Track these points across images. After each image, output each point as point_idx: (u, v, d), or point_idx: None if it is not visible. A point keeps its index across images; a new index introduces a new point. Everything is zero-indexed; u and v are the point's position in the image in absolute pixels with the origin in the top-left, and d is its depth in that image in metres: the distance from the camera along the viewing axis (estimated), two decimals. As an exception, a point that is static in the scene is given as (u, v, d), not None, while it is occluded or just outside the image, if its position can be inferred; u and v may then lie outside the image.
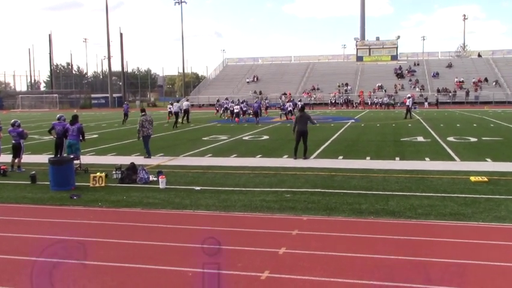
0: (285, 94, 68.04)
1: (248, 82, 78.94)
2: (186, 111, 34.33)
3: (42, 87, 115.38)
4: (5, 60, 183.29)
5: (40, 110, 73.74)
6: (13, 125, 14.58)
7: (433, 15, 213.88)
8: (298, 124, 15.99)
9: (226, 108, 39.25)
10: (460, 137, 22.04)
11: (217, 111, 43.51)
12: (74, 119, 14.25)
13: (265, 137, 23.56)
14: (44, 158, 15.42)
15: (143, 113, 16.88)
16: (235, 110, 35.78)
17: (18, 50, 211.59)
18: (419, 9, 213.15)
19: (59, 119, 14.76)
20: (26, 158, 16.57)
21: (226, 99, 46.49)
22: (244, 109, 36.62)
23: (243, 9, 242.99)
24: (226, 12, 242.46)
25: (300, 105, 24.43)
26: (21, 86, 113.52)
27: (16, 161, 14.40)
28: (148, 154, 16.57)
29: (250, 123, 33.36)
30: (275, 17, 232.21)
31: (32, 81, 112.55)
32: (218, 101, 47.13)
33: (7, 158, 17.08)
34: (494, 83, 68.31)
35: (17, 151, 14.34)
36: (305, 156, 15.76)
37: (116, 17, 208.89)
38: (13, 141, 14.45)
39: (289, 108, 37.53)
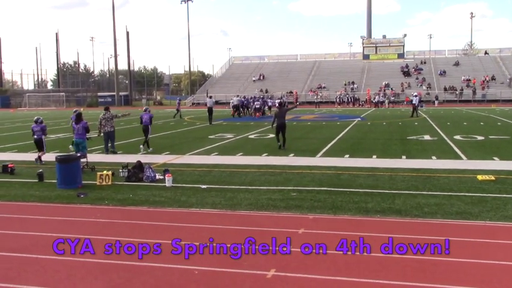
0: (291, 92, 67.98)
1: (254, 80, 78.97)
2: (236, 106, 39.91)
3: (49, 86, 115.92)
4: (12, 59, 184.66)
5: (47, 108, 74.10)
6: (36, 121, 15.81)
7: (440, 13, 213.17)
8: (277, 118, 17.76)
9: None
10: (467, 135, 21.95)
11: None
12: (79, 118, 14.40)
13: (271, 135, 23.47)
14: (51, 156, 15.48)
15: (105, 111, 17.74)
16: (257, 106, 37.19)
17: (26, 48, 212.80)
18: (425, 7, 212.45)
19: (145, 110, 18.95)
20: (32, 156, 16.68)
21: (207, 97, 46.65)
22: (258, 106, 37.91)
23: (248, 8, 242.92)
24: (231, 10, 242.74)
25: (277, 103, 26.19)
26: (28, 85, 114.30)
27: (40, 154, 15.50)
28: (112, 149, 17.50)
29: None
30: (281, 15, 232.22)
31: (39, 79, 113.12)
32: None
33: (16, 156, 17.18)
34: (508, 80, 67.82)
35: (39, 145, 15.56)
36: (284, 146, 17.68)
37: (122, 16, 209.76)
38: (35, 137, 15.62)
39: (257, 106, 38.49)
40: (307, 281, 5.75)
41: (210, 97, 35.72)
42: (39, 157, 15.33)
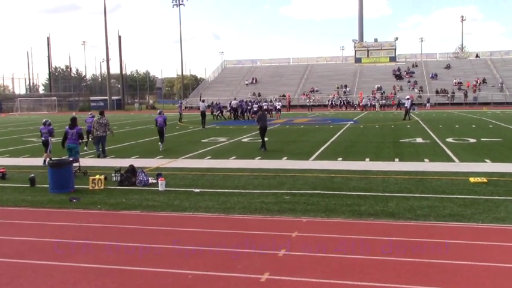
0: (284, 96, 68.06)
1: (247, 84, 78.98)
2: (235, 109, 41.72)
3: (41, 90, 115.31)
4: (3, 63, 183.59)
5: (39, 112, 73.72)
6: (44, 123, 16.28)
7: (431, 16, 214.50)
8: (261, 121, 18.61)
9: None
10: (459, 138, 22.06)
11: (212, 113, 43.66)
12: (73, 123, 14.33)
13: (265, 138, 23.48)
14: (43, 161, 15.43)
15: (100, 115, 18.07)
16: (255, 109, 38.18)
17: (17, 52, 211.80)
18: (416, 11, 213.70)
19: (159, 113, 20.40)
20: (24, 161, 16.65)
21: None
22: (256, 109, 38.55)
23: (240, 12, 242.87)
24: (223, 14, 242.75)
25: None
26: (20, 89, 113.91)
27: (45, 155, 15.74)
28: (102, 153, 17.77)
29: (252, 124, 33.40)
30: (272, 19, 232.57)
31: (31, 84, 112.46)
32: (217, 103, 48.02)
33: (8, 160, 17.09)
34: (499, 85, 68.28)
35: (46, 147, 15.94)
36: (264, 148, 18.55)
37: (114, 20, 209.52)
38: (42, 138, 16.11)
39: (255, 109, 38.71)
40: (301, 285, 5.75)
41: (203, 101, 35.96)
42: (44, 159, 15.59)
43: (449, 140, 21.27)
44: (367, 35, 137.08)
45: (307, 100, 64.80)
